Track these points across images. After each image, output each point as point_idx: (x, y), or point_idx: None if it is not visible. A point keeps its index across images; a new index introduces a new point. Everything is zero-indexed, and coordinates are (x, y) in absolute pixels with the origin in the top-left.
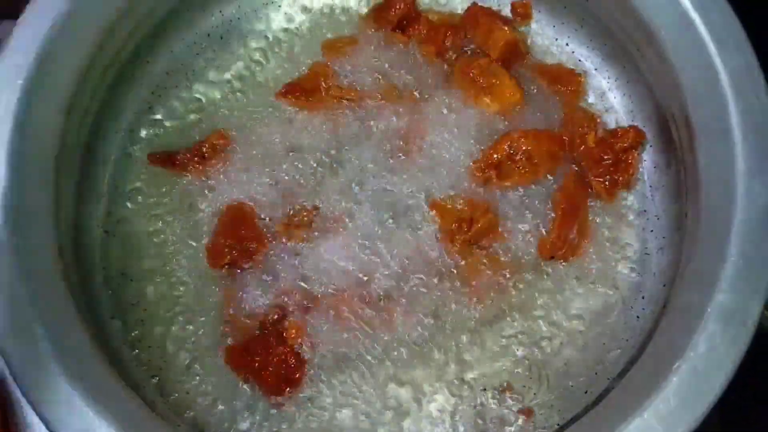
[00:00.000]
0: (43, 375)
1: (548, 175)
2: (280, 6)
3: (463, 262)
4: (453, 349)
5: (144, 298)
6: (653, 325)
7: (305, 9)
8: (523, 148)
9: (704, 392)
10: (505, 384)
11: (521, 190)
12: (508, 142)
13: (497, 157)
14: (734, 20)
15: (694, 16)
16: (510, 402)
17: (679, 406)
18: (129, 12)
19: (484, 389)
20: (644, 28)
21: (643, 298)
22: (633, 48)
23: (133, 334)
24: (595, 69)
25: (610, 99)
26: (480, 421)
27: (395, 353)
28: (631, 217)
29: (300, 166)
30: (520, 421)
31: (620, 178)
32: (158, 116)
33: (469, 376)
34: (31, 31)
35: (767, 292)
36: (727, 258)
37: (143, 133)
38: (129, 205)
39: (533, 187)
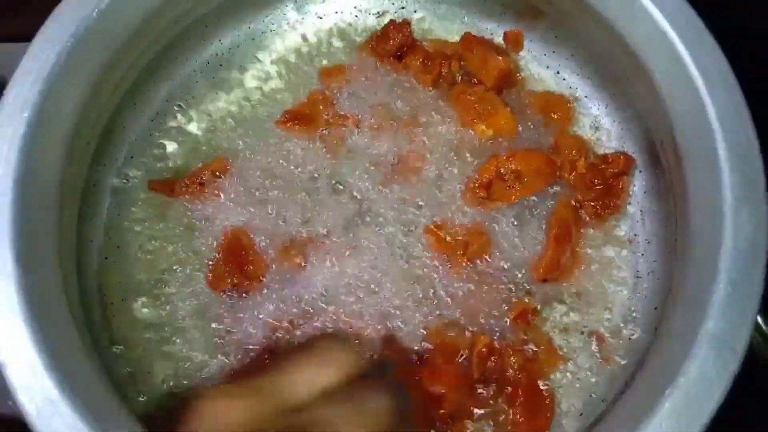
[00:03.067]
0: (53, 411)
1: (539, 196)
2: (278, 34)
3: (457, 286)
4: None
5: (144, 324)
6: (646, 347)
7: (304, 37)
8: (512, 167)
9: (696, 417)
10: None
11: (514, 213)
12: (496, 162)
13: (487, 177)
14: (721, 56)
15: (683, 51)
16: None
17: (672, 431)
18: (132, 43)
19: None
20: (634, 60)
21: (635, 320)
22: (623, 77)
23: (132, 362)
24: (586, 96)
25: (601, 125)
26: None
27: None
28: (623, 241)
29: (298, 192)
30: None
31: (611, 203)
32: (158, 143)
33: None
34: (36, 64)
35: (755, 319)
36: (716, 285)
37: (143, 159)
38: (129, 231)
39: (526, 210)
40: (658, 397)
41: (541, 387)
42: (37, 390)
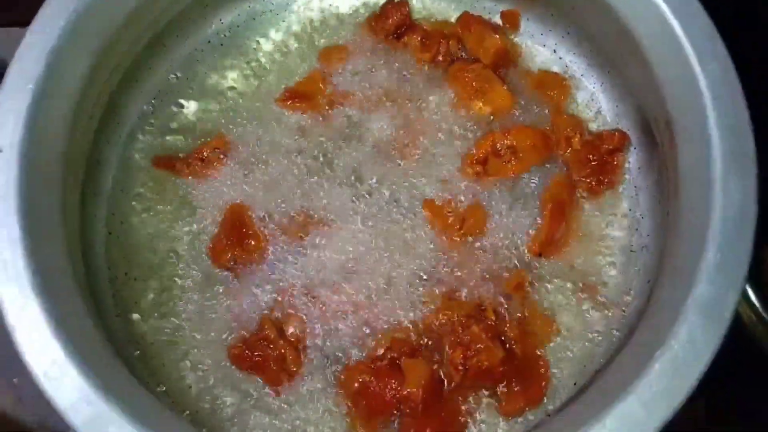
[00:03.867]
0: (60, 373)
1: (535, 172)
2: (278, 14)
3: (455, 259)
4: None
5: (147, 297)
6: (638, 319)
7: (304, 17)
8: (507, 142)
9: (684, 379)
10: None
11: (511, 189)
12: (492, 138)
13: (483, 153)
14: (713, 30)
15: (676, 26)
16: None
17: (661, 392)
18: (133, 21)
19: None
20: (628, 37)
21: (629, 293)
22: (617, 54)
23: (136, 333)
24: (582, 74)
25: (597, 103)
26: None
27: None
28: (617, 216)
29: (298, 168)
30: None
31: (606, 179)
32: (160, 120)
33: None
34: (40, 39)
35: (743, 285)
36: (705, 253)
37: (146, 136)
38: (132, 206)
39: (522, 186)
40: (648, 360)
41: (537, 357)
42: (44, 353)
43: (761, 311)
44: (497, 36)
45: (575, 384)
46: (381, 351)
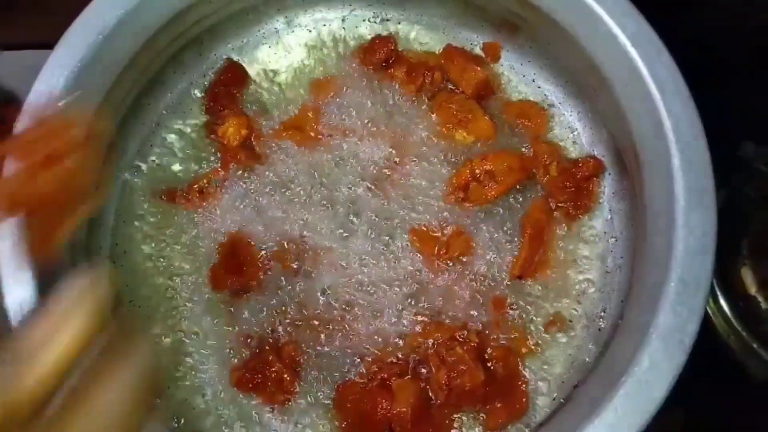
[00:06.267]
0: None
1: (515, 198)
2: (270, 47)
3: (440, 283)
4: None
5: (151, 324)
6: (612, 337)
7: (295, 50)
8: (485, 168)
9: (647, 402)
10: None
11: (492, 215)
12: (471, 165)
13: (464, 180)
14: (677, 73)
15: (642, 68)
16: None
17: (625, 415)
18: (134, 63)
19: None
20: (598, 74)
21: (604, 312)
22: (590, 87)
23: None
24: (560, 103)
25: (573, 131)
26: None
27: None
28: (593, 239)
29: (291, 198)
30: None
31: (582, 204)
32: (158, 154)
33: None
34: (45, 85)
35: (702, 315)
36: (668, 282)
37: (144, 170)
38: (134, 236)
39: (503, 212)
40: (614, 384)
41: (518, 375)
42: None
43: (734, 323)
44: (479, 68)
45: (554, 399)
46: (372, 372)
